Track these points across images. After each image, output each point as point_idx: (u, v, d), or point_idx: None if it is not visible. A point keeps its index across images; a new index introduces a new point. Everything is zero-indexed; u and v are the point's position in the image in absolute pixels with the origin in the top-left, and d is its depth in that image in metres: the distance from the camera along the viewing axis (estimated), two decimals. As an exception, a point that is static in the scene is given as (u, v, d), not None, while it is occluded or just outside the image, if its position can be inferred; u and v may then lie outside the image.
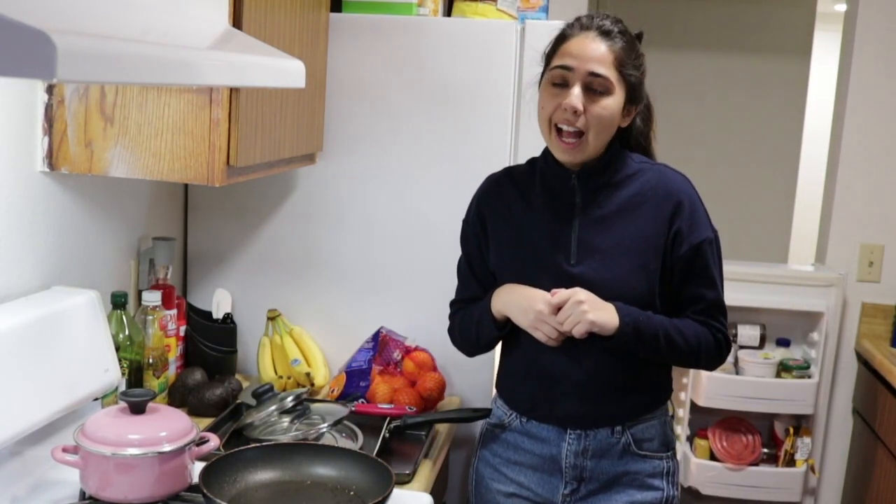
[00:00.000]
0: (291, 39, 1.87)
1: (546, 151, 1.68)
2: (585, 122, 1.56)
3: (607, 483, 1.68)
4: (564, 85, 1.57)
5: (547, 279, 1.63)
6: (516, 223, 1.70)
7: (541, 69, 1.66)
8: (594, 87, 1.56)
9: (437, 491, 1.89)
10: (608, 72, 1.56)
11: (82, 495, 1.46)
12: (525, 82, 1.82)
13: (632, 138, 1.71)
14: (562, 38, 1.61)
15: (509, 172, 1.77)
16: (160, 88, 1.63)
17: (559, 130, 1.59)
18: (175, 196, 2.24)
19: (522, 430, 1.72)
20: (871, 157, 2.93)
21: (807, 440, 2.82)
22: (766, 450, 2.87)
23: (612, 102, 1.57)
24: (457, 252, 1.81)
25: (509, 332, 1.71)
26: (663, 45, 3.95)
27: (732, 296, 2.74)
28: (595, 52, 1.56)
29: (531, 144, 1.89)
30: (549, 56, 1.63)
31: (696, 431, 2.91)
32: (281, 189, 2.24)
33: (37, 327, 1.51)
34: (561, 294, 1.59)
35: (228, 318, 2.19)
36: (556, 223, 1.66)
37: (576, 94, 1.55)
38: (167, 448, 1.42)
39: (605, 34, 1.57)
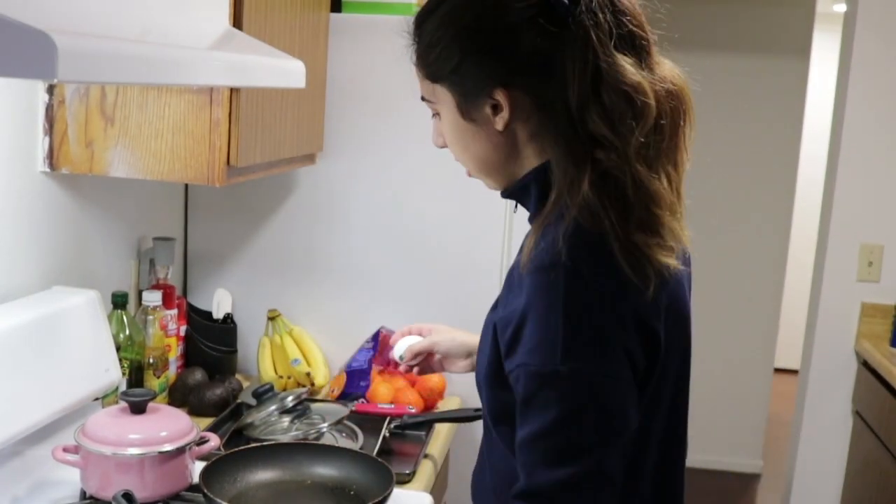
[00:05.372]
0: (291, 40, 1.88)
1: None
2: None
3: None
4: None
5: None
6: None
7: None
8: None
9: (437, 491, 1.89)
10: (425, 89, 1.18)
11: (83, 495, 1.46)
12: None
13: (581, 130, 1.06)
14: None
15: None
16: (160, 88, 1.63)
17: None
18: (175, 196, 2.24)
19: None
20: (871, 156, 2.93)
21: None
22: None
23: (444, 120, 1.19)
24: (454, 249, 1.73)
25: None
26: (661, 45, 3.95)
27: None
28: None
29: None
30: None
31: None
32: (281, 189, 2.24)
33: (37, 327, 1.51)
34: None
35: (229, 318, 2.19)
36: None
37: (433, 131, 1.22)
38: (167, 448, 1.43)
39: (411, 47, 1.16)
